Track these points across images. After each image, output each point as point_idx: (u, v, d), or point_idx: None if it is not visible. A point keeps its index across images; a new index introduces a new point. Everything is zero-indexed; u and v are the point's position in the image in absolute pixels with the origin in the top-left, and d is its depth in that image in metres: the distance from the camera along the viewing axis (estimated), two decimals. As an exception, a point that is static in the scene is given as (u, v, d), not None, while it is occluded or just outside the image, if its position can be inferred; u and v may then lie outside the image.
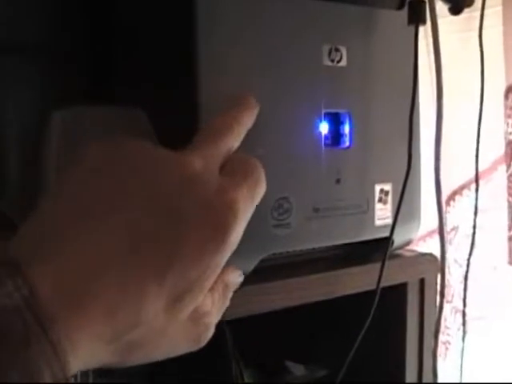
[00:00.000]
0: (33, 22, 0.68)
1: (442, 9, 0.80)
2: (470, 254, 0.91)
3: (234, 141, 0.44)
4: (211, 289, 0.41)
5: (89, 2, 0.70)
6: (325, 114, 0.63)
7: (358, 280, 0.67)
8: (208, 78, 0.56)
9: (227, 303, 0.45)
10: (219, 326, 0.45)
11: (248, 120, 0.47)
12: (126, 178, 0.38)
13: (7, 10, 0.67)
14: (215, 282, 0.41)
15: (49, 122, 0.58)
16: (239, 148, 0.45)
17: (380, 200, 0.67)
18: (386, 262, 0.65)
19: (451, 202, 1.11)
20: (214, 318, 0.43)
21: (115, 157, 0.39)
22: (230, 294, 0.45)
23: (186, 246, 0.37)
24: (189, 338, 0.41)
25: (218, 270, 0.39)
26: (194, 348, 0.42)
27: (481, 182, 0.95)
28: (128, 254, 0.35)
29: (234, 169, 0.42)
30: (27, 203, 0.62)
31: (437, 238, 0.76)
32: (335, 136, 0.65)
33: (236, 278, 0.46)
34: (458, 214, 1.11)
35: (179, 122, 0.58)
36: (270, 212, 0.59)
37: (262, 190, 0.43)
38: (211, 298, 0.42)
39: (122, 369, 0.38)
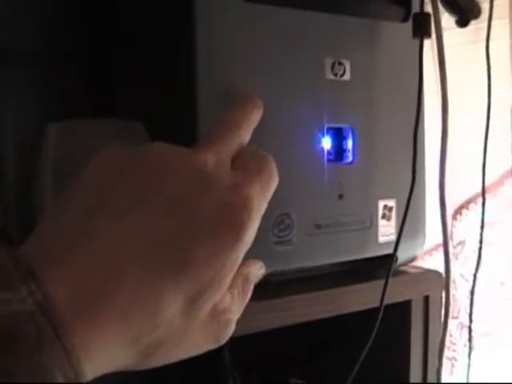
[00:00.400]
0: (32, 22, 0.68)
1: (448, 20, 0.80)
2: (477, 269, 0.90)
3: (245, 135, 0.44)
4: (231, 285, 0.40)
5: (88, 3, 0.70)
6: (327, 128, 0.62)
7: (362, 297, 0.66)
8: (207, 90, 0.55)
9: (248, 298, 0.44)
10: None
11: (255, 117, 0.46)
12: (140, 179, 0.38)
13: (6, 10, 0.66)
14: (234, 277, 0.40)
15: (45, 134, 0.58)
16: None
17: (384, 216, 0.66)
18: (390, 279, 0.64)
19: (458, 216, 1.10)
20: (235, 315, 0.42)
21: (129, 159, 0.39)
22: (251, 288, 0.44)
23: (201, 245, 0.36)
24: (209, 337, 0.40)
25: (235, 268, 0.39)
26: (214, 346, 0.42)
27: (488, 197, 0.94)
28: (143, 256, 0.35)
29: (246, 163, 0.42)
30: (25, 211, 0.61)
31: (443, 251, 0.75)
32: (338, 151, 0.64)
33: (256, 269, 0.45)
34: (465, 229, 1.10)
35: (178, 123, 0.57)
36: (271, 228, 0.58)
37: (274, 184, 0.42)
38: (230, 294, 0.41)
39: None
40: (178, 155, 0.39)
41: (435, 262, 0.83)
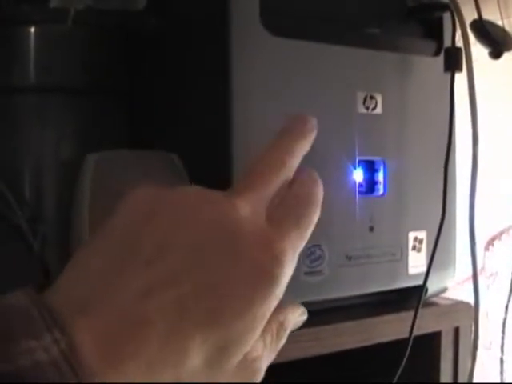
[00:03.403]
0: (74, 58, 0.68)
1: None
2: (509, 300, 0.89)
3: (286, 175, 0.41)
4: (264, 331, 0.39)
5: (132, 41, 0.71)
6: (359, 161, 0.63)
7: (391, 328, 0.67)
8: (242, 124, 0.57)
9: (281, 344, 0.42)
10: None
11: (303, 148, 0.43)
12: (170, 227, 0.37)
13: (49, 46, 0.68)
14: (269, 323, 0.39)
15: (83, 165, 0.59)
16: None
17: (414, 248, 0.67)
18: (420, 310, 0.65)
19: (490, 247, 1.10)
20: (264, 363, 0.40)
21: (158, 204, 0.38)
22: (286, 335, 0.42)
23: (231, 298, 0.36)
24: None
25: (265, 321, 0.37)
26: None
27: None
28: (171, 307, 0.34)
29: (289, 208, 0.40)
30: (64, 241, 0.63)
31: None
32: (369, 183, 0.65)
33: (296, 317, 0.44)
34: (498, 259, 1.09)
35: (215, 157, 0.58)
36: (302, 259, 0.59)
37: (312, 227, 0.40)
38: (263, 342, 0.40)
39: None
40: (210, 204, 0.38)
41: (469, 292, 0.83)
